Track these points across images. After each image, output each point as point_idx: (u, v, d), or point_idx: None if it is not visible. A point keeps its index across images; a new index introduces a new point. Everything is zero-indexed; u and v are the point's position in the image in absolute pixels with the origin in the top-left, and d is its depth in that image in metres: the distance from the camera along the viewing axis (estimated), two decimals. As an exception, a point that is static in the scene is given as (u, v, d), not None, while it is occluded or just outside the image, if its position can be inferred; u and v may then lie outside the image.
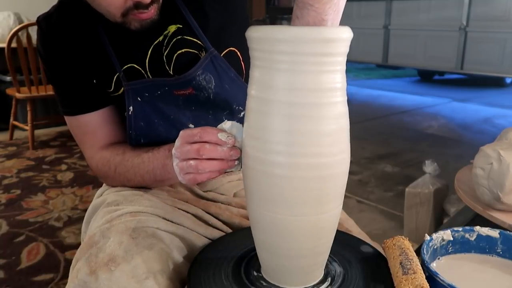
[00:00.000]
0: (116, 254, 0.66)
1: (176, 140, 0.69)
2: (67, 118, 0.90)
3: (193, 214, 0.83)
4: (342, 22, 0.59)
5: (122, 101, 0.85)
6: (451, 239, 0.69)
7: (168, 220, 0.77)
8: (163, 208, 0.80)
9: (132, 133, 0.85)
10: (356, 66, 7.55)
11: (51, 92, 3.29)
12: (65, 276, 1.63)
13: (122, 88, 0.85)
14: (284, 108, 0.53)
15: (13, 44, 3.02)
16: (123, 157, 0.84)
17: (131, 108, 0.84)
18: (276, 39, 0.52)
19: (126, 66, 0.84)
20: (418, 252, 0.67)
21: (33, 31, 3.02)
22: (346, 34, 0.53)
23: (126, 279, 0.64)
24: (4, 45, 3.08)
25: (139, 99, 0.84)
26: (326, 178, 0.56)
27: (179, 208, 0.82)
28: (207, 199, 0.90)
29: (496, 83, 6.06)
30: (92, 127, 0.88)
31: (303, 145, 0.54)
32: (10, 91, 3.31)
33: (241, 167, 0.62)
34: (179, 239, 0.75)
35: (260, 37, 0.54)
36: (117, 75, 0.85)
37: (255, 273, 0.66)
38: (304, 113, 0.53)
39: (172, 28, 0.84)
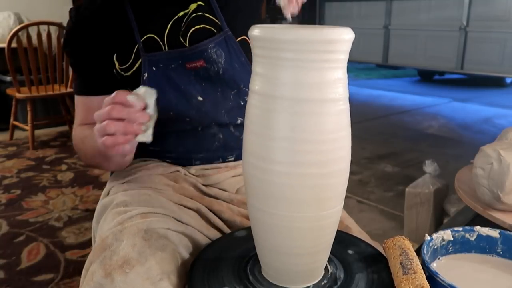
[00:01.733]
0: (130, 257, 0.67)
1: None
2: (78, 97, 0.94)
3: (196, 211, 0.83)
4: (343, 23, 0.59)
5: (136, 80, 0.89)
6: (451, 239, 0.69)
7: (177, 220, 0.78)
8: (171, 208, 0.80)
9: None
10: (356, 66, 7.55)
11: (51, 92, 3.29)
12: (65, 276, 1.63)
13: (137, 64, 0.90)
14: (287, 105, 0.54)
15: (13, 44, 3.02)
16: (92, 133, 0.83)
17: (146, 74, 0.89)
18: (279, 40, 0.52)
19: (146, 36, 0.90)
20: (419, 252, 0.67)
21: (33, 31, 3.03)
22: (348, 35, 0.53)
23: (141, 281, 0.64)
24: (4, 45, 3.08)
25: (154, 68, 0.89)
26: (326, 175, 0.56)
27: (184, 206, 0.83)
28: (210, 196, 0.90)
29: (496, 83, 6.06)
30: (95, 108, 0.88)
31: (304, 142, 0.54)
32: (10, 91, 3.31)
33: (151, 139, 0.66)
34: (187, 238, 0.76)
35: (262, 37, 0.54)
36: (137, 46, 0.89)
37: (255, 273, 0.66)
38: (307, 110, 0.53)
39: (193, 6, 0.92)
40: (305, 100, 0.53)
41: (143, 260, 0.66)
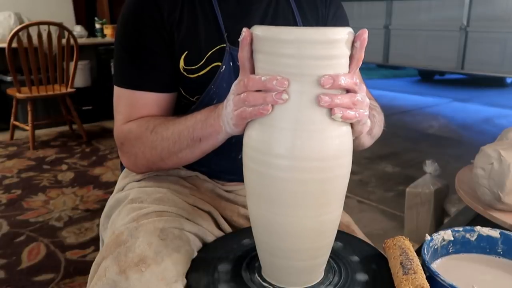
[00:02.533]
0: (146, 255, 0.66)
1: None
2: (123, 91, 0.84)
3: (208, 213, 0.83)
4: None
5: (199, 85, 0.82)
6: (452, 239, 0.69)
7: (190, 221, 0.78)
8: (185, 208, 0.80)
9: (212, 88, 0.82)
10: (356, 66, 7.53)
11: (51, 92, 3.29)
12: (66, 276, 1.63)
13: (207, 69, 0.83)
14: (290, 112, 0.54)
15: (14, 44, 3.02)
16: (166, 119, 0.80)
17: (224, 67, 0.82)
18: (282, 40, 0.52)
19: (230, 32, 0.82)
20: (419, 252, 0.67)
21: (34, 31, 3.03)
22: (349, 35, 0.54)
23: (155, 281, 0.64)
24: (4, 45, 3.08)
25: (231, 64, 0.83)
26: (327, 180, 0.56)
27: (198, 208, 0.83)
28: (226, 200, 0.90)
29: (496, 83, 6.06)
30: (140, 106, 0.83)
31: (307, 148, 0.54)
32: (10, 91, 3.31)
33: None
34: (199, 239, 0.76)
35: (265, 36, 0.54)
36: (212, 50, 0.82)
37: (255, 273, 0.66)
38: (308, 117, 0.54)
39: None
40: (306, 104, 0.54)
41: (160, 260, 0.66)
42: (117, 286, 0.64)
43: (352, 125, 0.59)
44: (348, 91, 0.56)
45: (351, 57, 0.56)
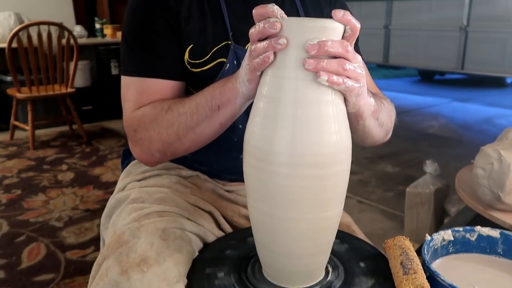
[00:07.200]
0: (148, 256, 0.66)
1: None
2: (132, 79, 0.82)
3: (209, 213, 0.83)
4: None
5: (201, 80, 0.81)
6: (452, 239, 0.69)
7: (191, 221, 0.78)
8: (187, 208, 0.80)
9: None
10: (356, 66, 7.53)
11: (51, 92, 3.29)
12: (66, 276, 1.63)
13: (211, 64, 0.82)
14: (290, 108, 0.54)
15: (14, 44, 3.02)
16: (181, 99, 0.78)
17: (228, 64, 0.82)
18: (289, 29, 0.55)
19: (236, 31, 0.83)
20: (419, 252, 0.67)
21: (34, 31, 3.03)
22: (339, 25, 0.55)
23: (157, 281, 0.64)
24: (4, 45, 3.08)
25: (235, 62, 0.83)
26: (327, 177, 0.56)
27: (200, 208, 0.83)
28: (227, 200, 0.90)
29: (496, 83, 6.06)
30: (151, 93, 0.81)
31: (306, 144, 0.54)
32: (10, 91, 3.31)
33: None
34: (200, 239, 0.76)
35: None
36: (217, 46, 0.82)
37: (255, 272, 0.66)
38: (308, 112, 0.54)
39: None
40: (305, 99, 0.54)
41: (161, 260, 0.66)
42: (119, 286, 0.64)
43: (346, 97, 0.58)
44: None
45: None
